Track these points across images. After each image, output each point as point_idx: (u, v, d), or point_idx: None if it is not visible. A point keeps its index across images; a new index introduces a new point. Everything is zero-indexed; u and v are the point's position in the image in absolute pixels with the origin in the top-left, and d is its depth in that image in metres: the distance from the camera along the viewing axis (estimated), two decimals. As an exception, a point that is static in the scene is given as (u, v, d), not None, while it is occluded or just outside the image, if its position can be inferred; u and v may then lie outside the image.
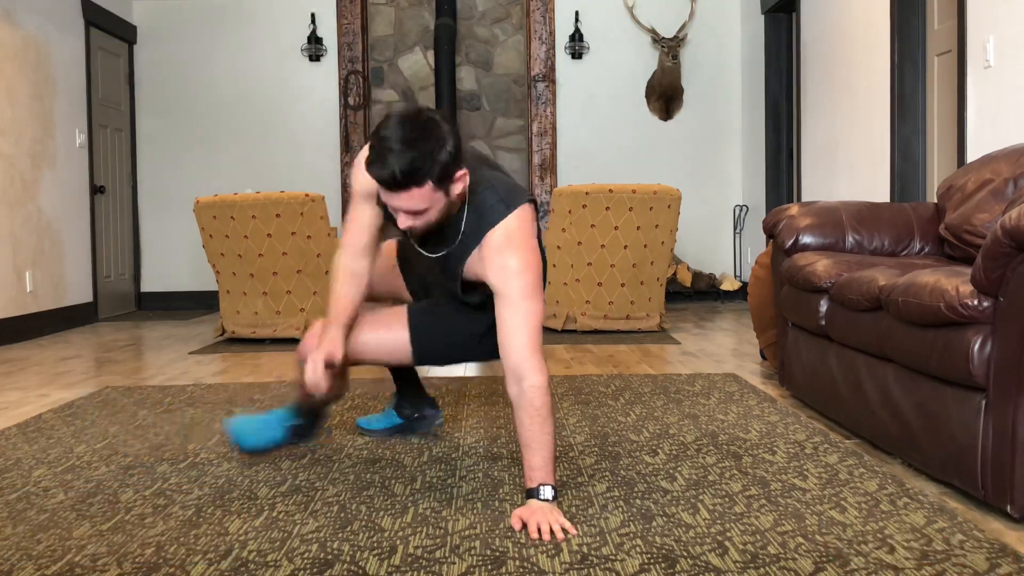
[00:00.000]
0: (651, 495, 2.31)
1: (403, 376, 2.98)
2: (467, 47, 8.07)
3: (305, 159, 7.89)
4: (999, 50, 3.95)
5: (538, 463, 2.13)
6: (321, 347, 2.42)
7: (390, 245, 2.82)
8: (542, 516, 2.06)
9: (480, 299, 2.39)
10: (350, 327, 2.49)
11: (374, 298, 2.74)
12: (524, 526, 2.07)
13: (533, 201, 2.32)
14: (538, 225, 2.42)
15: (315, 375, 2.39)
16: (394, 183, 2.05)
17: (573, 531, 2.05)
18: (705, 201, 7.98)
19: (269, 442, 2.65)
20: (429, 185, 2.07)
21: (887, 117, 5.05)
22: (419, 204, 2.10)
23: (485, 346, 2.50)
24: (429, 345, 2.56)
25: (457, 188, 2.15)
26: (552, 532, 2.02)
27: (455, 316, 2.52)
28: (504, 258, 2.19)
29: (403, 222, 2.16)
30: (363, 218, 2.45)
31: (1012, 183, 3.09)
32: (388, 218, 2.39)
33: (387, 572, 1.84)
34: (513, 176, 2.45)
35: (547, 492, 2.11)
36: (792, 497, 2.28)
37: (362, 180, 2.37)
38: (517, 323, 2.16)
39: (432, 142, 2.04)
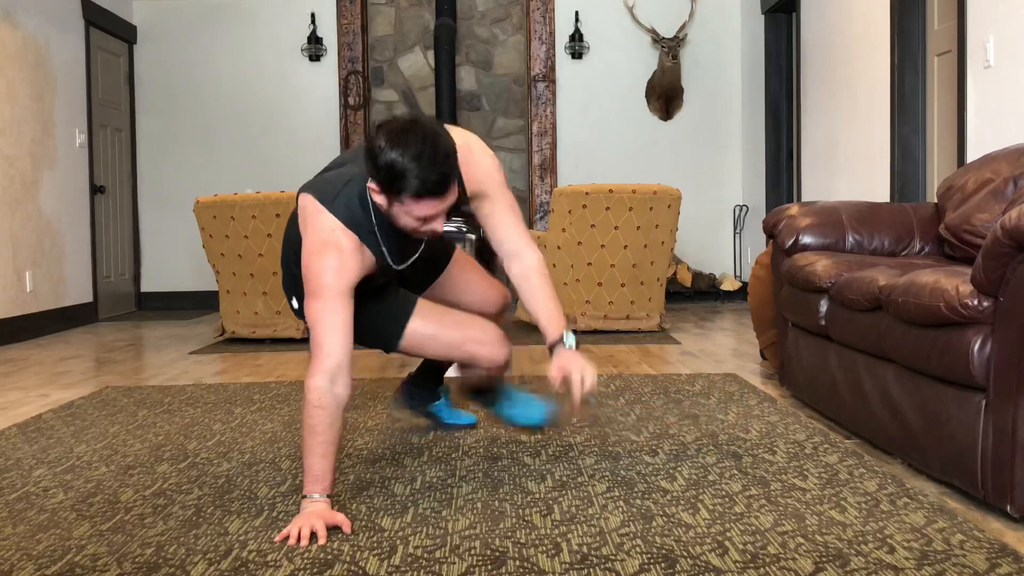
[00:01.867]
0: (651, 495, 2.31)
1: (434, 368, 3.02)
2: (467, 47, 8.07)
3: (305, 159, 7.89)
4: (999, 50, 3.95)
5: (555, 318, 2.38)
6: (318, 516, 2.06)
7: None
8: (582, 364, 2.29)
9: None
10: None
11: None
12: (565, 381, 2.29)
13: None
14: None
15: (318, 534, 2.03)
16: (445, 182, 2.12)
17: (594, 380, 2.29)
18: (705, 201, 7.98)
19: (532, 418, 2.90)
20: (457, 172, 2.20)
21: (887, 117, 5.05)
22: (456, 193, 2.20)
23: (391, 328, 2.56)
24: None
25: None
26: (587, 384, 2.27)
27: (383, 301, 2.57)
28: (483, 160, 2.40)
29: (440, 225, 2.22)
30: (344, 319, 2.16)
31: (1012, 183, 3.09)
32: (382, 273, 2.38)
33: (387, 572, 1.84)
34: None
35: (570, 339, 2.36)
36: (792, 497, 2.28)
37: (340, 269, 2.18)
38: (505, 211, 2.43)
39: (442, 137, 2.14)
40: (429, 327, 2.57)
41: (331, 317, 2.15)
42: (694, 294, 7.84)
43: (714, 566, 1.84)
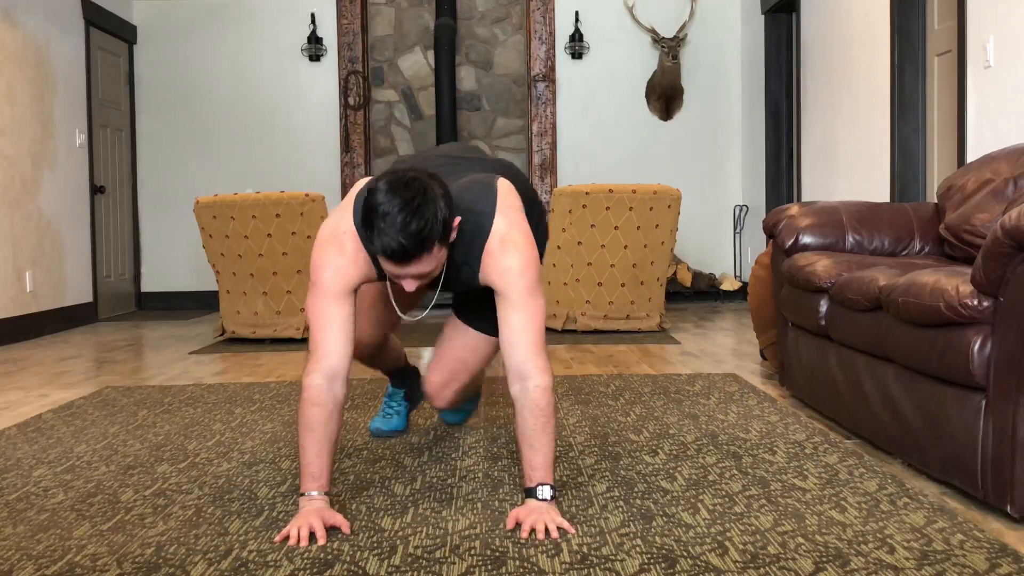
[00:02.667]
0: (651, 495, 2.31)
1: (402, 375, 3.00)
2: (467, 47, 8.07)
3: (305, 159, 7.89)
4: (999, 50, 3.95)
5: (538, 463, 2.11)
6: (316, 515, 2.06)
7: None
8: (538, 516, 2.04)
9: None
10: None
11: (384, 331, 2.72)
12: (518, 526, 2.06)
13: (505, 170, 2.29)
14: (524, 183, 2.40)
15: (316, 533, 2.03)
16: (405, 255, 1.96)
17: (571, 531, 2.04)
18: (705, 201, 7.98)
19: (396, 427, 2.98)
20: (436, 246, 2.00)
21: (887, 117, 5.05)
22: (428, 267, 2.03)
23: None
24: (492, 323, 2.41)
25: (454, 235, 2.10)
26: (548, 532, 2.01)
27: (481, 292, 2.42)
28: (505, 260, 2.15)
29: (410, 287, 2.07)
30: (344, 316, 2.14)
31: (1012, 183, 3.09)
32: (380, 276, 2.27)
33: (387, 572, 1.84)
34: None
35: (545, 492, 2.10)
36: (792, 497, 2.28)
37: (338, 269, 2.15)
38: (522, 322, 2.13)
39: (431, 204, 1.97)
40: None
41: (328, 314, 2.13)
42: (694, 294, 7.84)
43: (714, 566, 1.84)
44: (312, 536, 2.00)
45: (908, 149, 4.95)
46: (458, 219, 2.09)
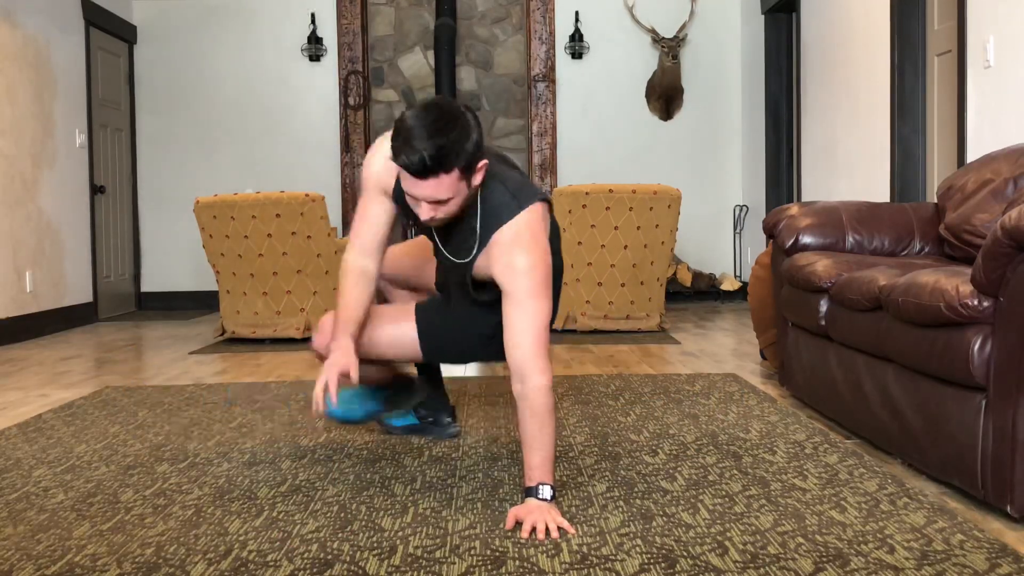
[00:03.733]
0: (651, 495, 2.31)
1: (428, 377, 2.97)
2: (467, 47, 8.07)
3: (305, 159, 7.89)
4: (999, 50, 3.95)
5: (537, 462, 2.13)
6: (334, 362, 2.33)
7: (423, 239, 2.80)
8: (538, 515, 2.05)
9: (491, 297, 2.35)
10: (360, 331, 2.45)
11: (408, 287, 2.85)
12: (518, 525, 2.07)
13: (547, 201, 2.30)
14: (553, 222, 2.42)
15: (329, 388, 2.29)
16: (424, 169, 2.03)
17: (571, 530, 2.05)
18: (705, 201, 7.98)
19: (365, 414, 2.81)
20: (456, 172, 2.06)
21: (887, 117, 5.05)
22: (445, 192, 2.08)
23: (493, 347, 2.43)
24: (438, 342, 2.57)
25: (478, 179, 2.14)
26: (548, 532, 2.02)
27: (465, 315, 2.52)
28: (512, 256, 2.18)
29: (425, 213, 2.12)
30: (376, 213, 2.41)
31: (1012, 183, 3.09)
32: (404, 215, 2.37)
33: (387, 572, 1.84)
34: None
35: (545, 491, 2.11)
36: (792, 497, 2.28)
37: (377, 172, 2.36)
38: (523, 322, 2.15)
39: (459, 129, 2.04)
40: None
41: (366, 210, 2.40)
42: (694, 294, 7.84)
43: (714, 566, 1.84)
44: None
45: (908, 149, 4.95)
46: (486, 162, 2.14)
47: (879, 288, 2.67)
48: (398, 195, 2.33)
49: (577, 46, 7.83)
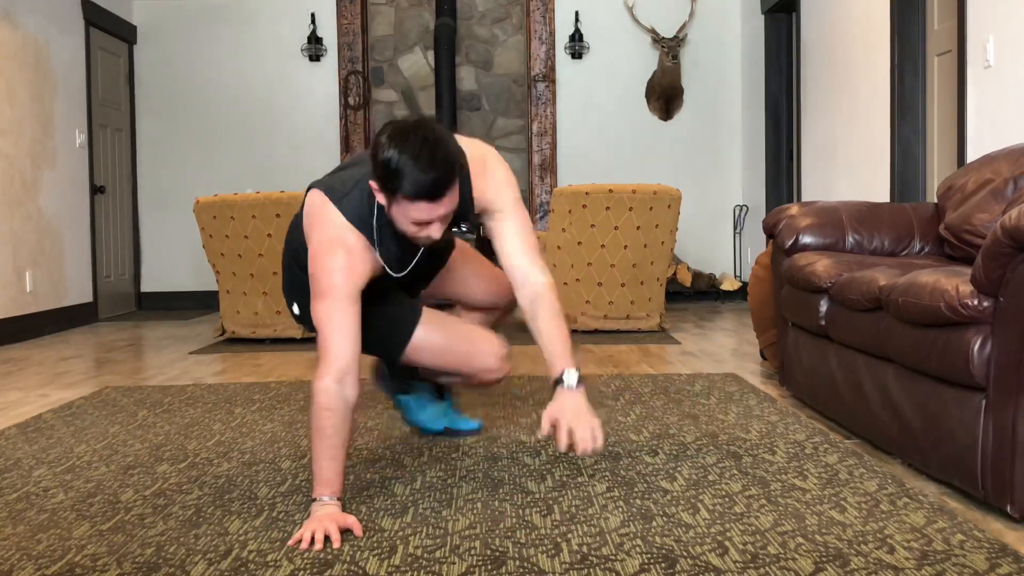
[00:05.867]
0: (651, 495, 2.31)
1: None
2: (467, 47, 8.07)
3: (305, 159, 7.89)
4: (999, 50, 3.95)
5: (559, 351, 2.24)
6: (330, 519, 2.03)
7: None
8: (574, 417, 2.14)
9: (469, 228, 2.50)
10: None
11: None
12: (554, 430, 2.16)
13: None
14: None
15: (331, 538, 2.00)
16: (439, 185, 2.04)
17: (600, 442, 2.16)
18: (705, 201, 7.98)
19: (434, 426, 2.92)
20: (457, 180, 2.11)
21: (887, 117, 5.05)
22: (455, 202, 2.13)
23: (395, 337, 2.55)
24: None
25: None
26: (584, 449, 2.14)
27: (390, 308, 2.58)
28: (493, 175, 2.32)
29: (437, 231, 2.14)
30: (351, 320, 2.15)
31: (1012, 183, 3.09)
32: (391, 253, 2.33)
33: (387, 572, 1.84)
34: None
35: (572, 377, 2.22)
36: (792, 497, 2.28)
37: (347, 271, 2.16)
38: (518, 229, 2.31)
39: (440, 139, 2.07)
40: (437, 338, 2.56)
41: (339, 317, 2.13)
42: (694, 294, 7.84)
43: (714, 566, 1.84)
44: (327, 540, 1.98)
45: (908, 149, 4.95)
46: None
47: (879, 288, 2.67)
48: (382, 240, 2.27)
49: (577, 46, 7.83)
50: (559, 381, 2.23)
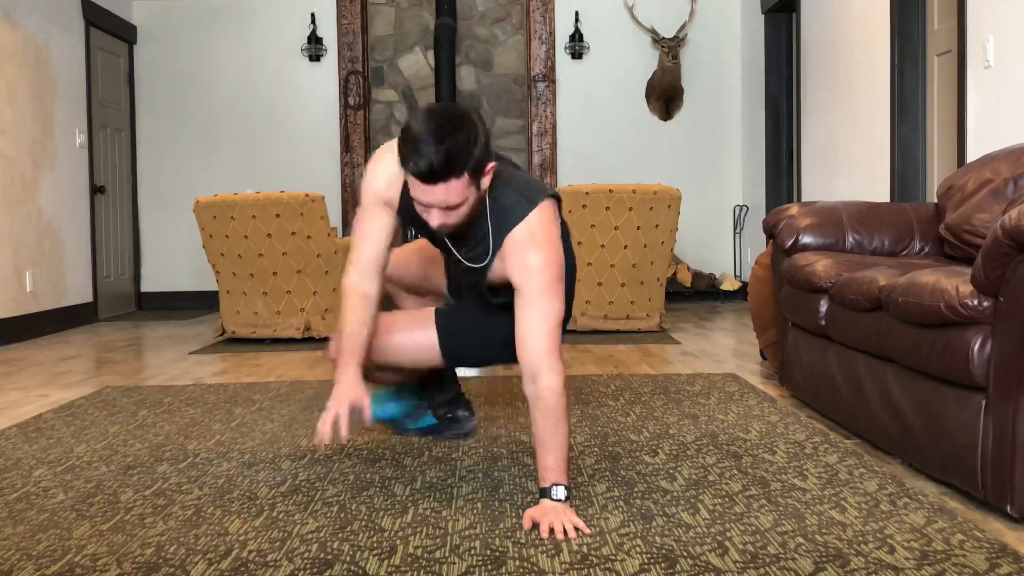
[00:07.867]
0: (651, 495, 2.31)
1: (442, 375, 2.92)
2: (467, 47, 8.07)
3: (305, 159, 7.89)
4: (999, 50, 3.95)
5: (551, 463, 2.12)
6: (343, 395, 2.30)
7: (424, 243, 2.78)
8: (555, 516, 2.05)
9: (507, 300, 2.31)
10: (365, 360, 2.41)
11: (416, 292, 2.84)
12: (535, 526, 2.06)
13: (556, 197, 2.30)
14: (563, 222, 2.41)
15: (340, 422, 2.26)
16: (433, 174, 2.01)
17: (587, 530, 2.04)
18: (705, 201, 7.98)
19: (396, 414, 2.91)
20: (465, 177, 2.05)
21: (887, 117, 5.05)
22: (455, 197, 2.07)
23: (512, 350, 2.32)
24: (457, 347, 2.57)
25: (486, 182, 2.13)
26: (566, 532, 2.01)
27: (483, 320, 2.53)
28: (525, 255, 2.17)
29: (436, 219, 2.11)
30: (376, 229, 2.36)
31: (1012, 183, 3.09)
32: (409, 224, 2.36)
33: (387, 572, 1.84)
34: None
35: (560, 492, 2.10)
36: (792, 497, 2.28)
37: (379, 185, 2.33)
38: (535, 322, 2.13)
39: (465, 132, 2.03)
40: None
41: (365, 225, 2.37)
42: (694, 294, 7.84)
43: (714, 566, 1.84)
44: (336, 431, 2.23)
45: (908, 149, 4.95)
46: (493, 164, 2.13)
47: (879, 288, 2.67)
48: (405, 206, 2.31)
49: (577, 46, 7.83)
50: (546, 492, 2.11)
